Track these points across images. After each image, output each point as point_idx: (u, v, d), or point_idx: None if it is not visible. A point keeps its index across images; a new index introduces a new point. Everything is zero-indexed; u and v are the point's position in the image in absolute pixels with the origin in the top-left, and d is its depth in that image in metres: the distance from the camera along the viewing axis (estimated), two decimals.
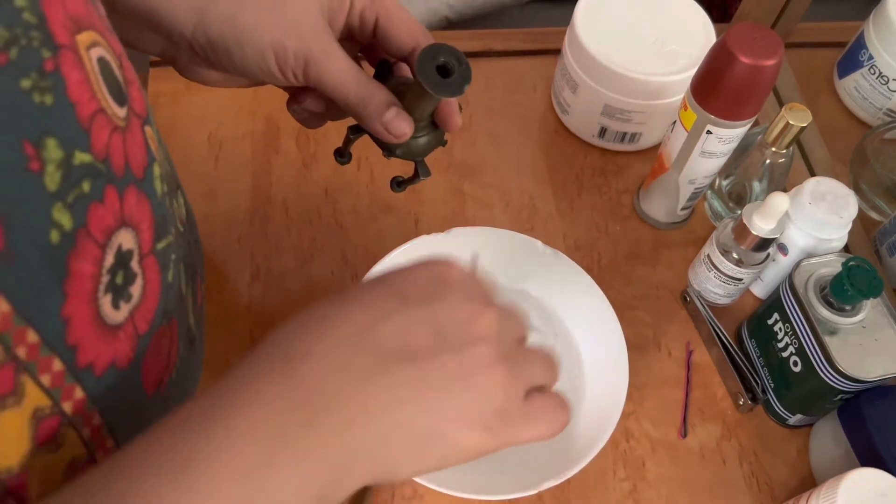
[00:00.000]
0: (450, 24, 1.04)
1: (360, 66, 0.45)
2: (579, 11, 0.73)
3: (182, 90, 0.74)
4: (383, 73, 0.47)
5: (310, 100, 0.46)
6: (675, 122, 0.64)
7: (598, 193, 0.75)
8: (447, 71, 0.41)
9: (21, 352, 0.26)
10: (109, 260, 0.30)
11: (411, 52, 0.45)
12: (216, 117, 0.74)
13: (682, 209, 0.71)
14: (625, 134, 0.75)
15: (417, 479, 0.53)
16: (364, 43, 0.47)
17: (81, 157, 0.28)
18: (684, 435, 0.63)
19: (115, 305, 0.31)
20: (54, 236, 0.27)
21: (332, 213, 0.70)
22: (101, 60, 0.30)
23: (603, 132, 0.76)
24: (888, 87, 0.78)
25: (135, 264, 0.32)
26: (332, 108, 0.46)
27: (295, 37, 0.41)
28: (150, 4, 0.41)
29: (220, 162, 0.72)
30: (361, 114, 0.43)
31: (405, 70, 0.46)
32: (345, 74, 0.42)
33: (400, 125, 0.43)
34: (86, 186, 0.28)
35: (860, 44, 0.80)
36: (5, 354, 0.26)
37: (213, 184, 0.70)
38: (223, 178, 0.71)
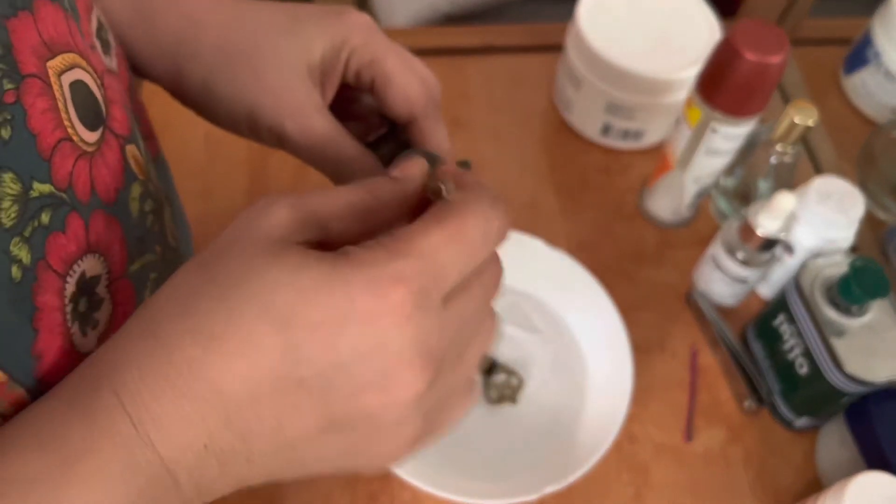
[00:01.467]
0: (450, 19, 1.03)
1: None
2: (582, 7, 0.72)
3: None
4: (388, 131, 0.43)
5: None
6: (679, 120, 0.63)
7: (602, 192, 0.75)
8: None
9: None
10: (71, 289, 0.29)
11: (409, 123, 0.41)
12: None
13: (687, 208, 0.70)
14: (628, 131, 0.75)
15: (417, 483, 0.53)
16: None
17: (40, 188, 0.27)
18: (689, 438, 0.62)
19: (83, 332, 0.31)
20: (15, 272, 0.26)
21: None
22: (76, 84, 0.30)
23: (606, 130, 0.75)
24: (895, 85, 0.77)
25: (101, 290, 0.32)
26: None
27: (269, 110, 0.38)
28: (134, 60, 0.40)
29: (217, 161, 0.71)
30: (339, 185, 0.41)
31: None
32: (321, 148, 0.38)
33: None
34: (45, 218, 0.27)
35: (867, 40, 0.79)
36: None
37: (209, 183, 0.70)
38: (219, 178, 0.71)
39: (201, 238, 0.48)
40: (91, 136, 0.31)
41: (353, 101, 0.43)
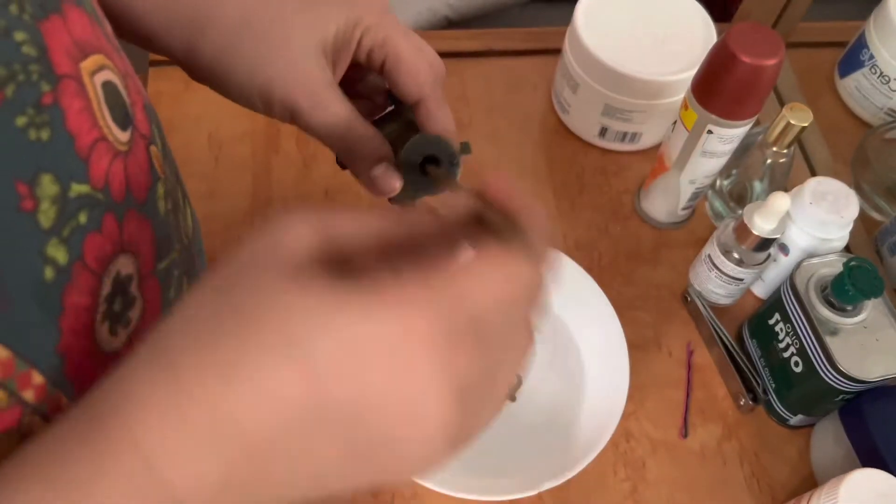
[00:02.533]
0: (450, 23, 1.04)
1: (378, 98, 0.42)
2: (580, 11, 0.72)
3: (182, 90, 0.74)
4: (393, 109, 0.43)
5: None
6: (675, 122, 0.64)
7: (599, 193, 0.75)
8: (436, 161, 0.39)
9: (28, 395, 0.26)
10: (107, 288, 0.29)
11: (416, 103, 0.42)
12: (216, 117, 0.74)
13: (683, 209, 0.71)
14: (625, 133, 0.75)
15: (417, 480, 0.53)
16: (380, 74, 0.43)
17: (78, 189, 0.27)
18: (685, 435, 0.63)
19: (113, 332, 0.30)
20: (48, 273, 0.26)
21: None
22: (107, 85, 0.30)
23: (603, 132, 0.76)
24: (889, 87, 0.78)
25: (133, 288, 0.32)
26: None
27: (283, 85, 0.38)
28: (144, 31, 0.40)
29: (220, 162, 0.72)
30: (349, 164, 0.41)
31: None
32: (332, 126, 0.39)
33: (387, 183, 0.40)
34: (82, 218, 0.27)
35: (861, 43, 0.80)
36: (9, 399, 0.25)
37: (213, 184, 0.70)
38: (223, 179, 0.71)
39: (206, 238, 0.49)
40: (124, 136, 0.31)
41: (359, 80, 0.44)
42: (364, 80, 0.45)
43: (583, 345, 0.64)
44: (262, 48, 0.38)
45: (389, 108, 0.44)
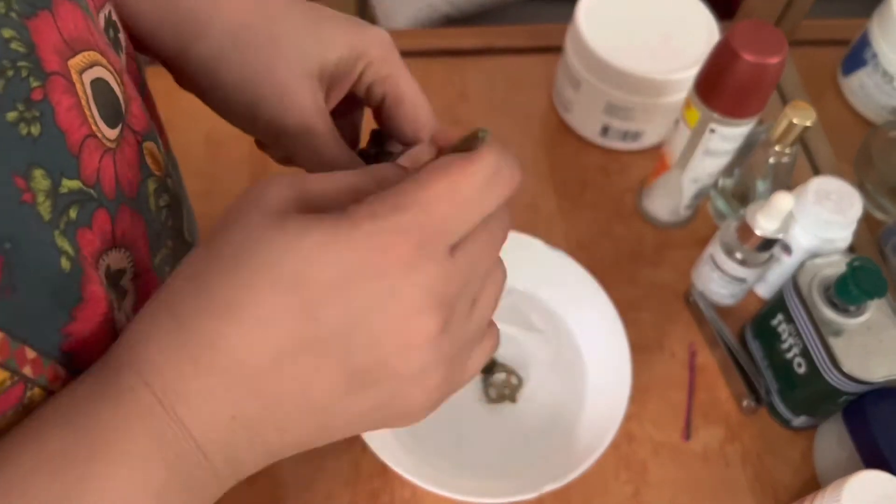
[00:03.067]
0: (450, 20, 1.03)
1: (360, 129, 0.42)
2: (582, 8, 0.72)
3: (179, 88, 0.73)
4: (376, 144, 0.42)
5: (273, 150, 0.42)
6: (678, 121, 0.64)
7: (601, 192, 0.75)
8: None
9: (28, 370, 0.26)
10: (104, 281, 0.30)
11: (410, 146, 0.40)
12: (213, 116, 0.73)
13: (686, 208, 0.71)
14: (627, 132, 0.75)
15: (417, 481, 0.53)
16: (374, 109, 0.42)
17: (69, 185, 0.27)
18: (687, 437, 0.63)
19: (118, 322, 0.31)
20: (64, 263, 0.27)
21: None
22: (97, 82, 0.30)
23: (605, 130, 0.75)
24: (892, 86, 0.77)
25: (126, 282, 0.32)
26: None
27: (271, 106, 0.37)
28: (137, 31, 0.39)
29: (218, 161, 0.72)
30: None
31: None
32: (317, 152, 0.38)
33: None
34: (73, 213, 0.28)
35: (865, 42, 0.79)
36: (12, 377, 0.26)
37: (210, 183, 0.70)
38: (221, 178, 0.71)
39: (201, 236, 0.48)
40: (112, 133, 0.31)
41: (344, 114, 0.43)
42: (347, 116, 0.43)
43: (584, 346, 0.64)
44: (258, 63, 0.37)
45: (370, 150, 0.43)
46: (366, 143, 0.43)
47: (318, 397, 0.27)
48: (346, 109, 0.42)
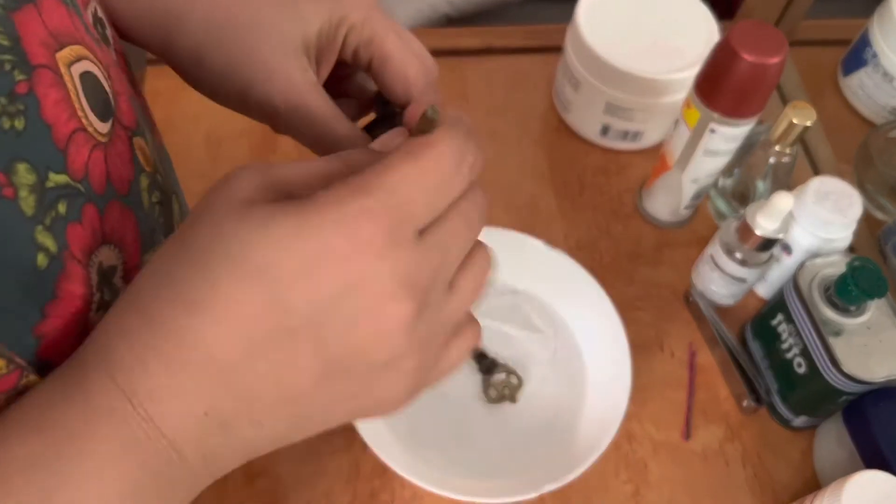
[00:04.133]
0: (450, 20, 1.03)
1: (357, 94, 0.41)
2: (581, 8, 0.72)
3: (179, 88, 0.73)
4: (380, 111, 0.41)
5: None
6: (678, 121, 0.64)
7: (600, 192, 0.75)
8: None
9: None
10: (95, 278, 0.30)
11: (404, 107, 0.39)
12: (214, 115, 0.73)
13: (685, 208, 0.71)
14: (627, 132, 0.75)
15: (417, 481, 0.53)
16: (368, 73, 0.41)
17: (56, 179, 0.27)
18: (687, 437, 0.63)
19: None
20: (41, 259, 0.26)
21: None
22: (86, 75, 0.30)
23: (605, 130, 0.75)
24: (893, 86, 0.77)
25: (118, 280, 0.32)
26: None
27: (262, 87, 0.37)
28: (123, 29, 0.39)
29: (218, 160, 0.71)
30: None
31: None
32: (314, 128, 0.37)
33: None
34: (62, 208, 0.27)
35: (865, 41, 0.79)
36: (8, 366, 0.25)
37: (210, 183, 0.70)
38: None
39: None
40: (103, 127, 0.31)
41: (346, 78, 0.42)
42: (351, 78, 0.43)
43: (584, 346, 0.64)
44: (240, 49, 0.37)
45: (379, 114, 0.42)
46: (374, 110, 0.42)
47: (292, 388, 0.26)
48: (342, 81, 0.42)
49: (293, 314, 0.25)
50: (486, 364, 0.62)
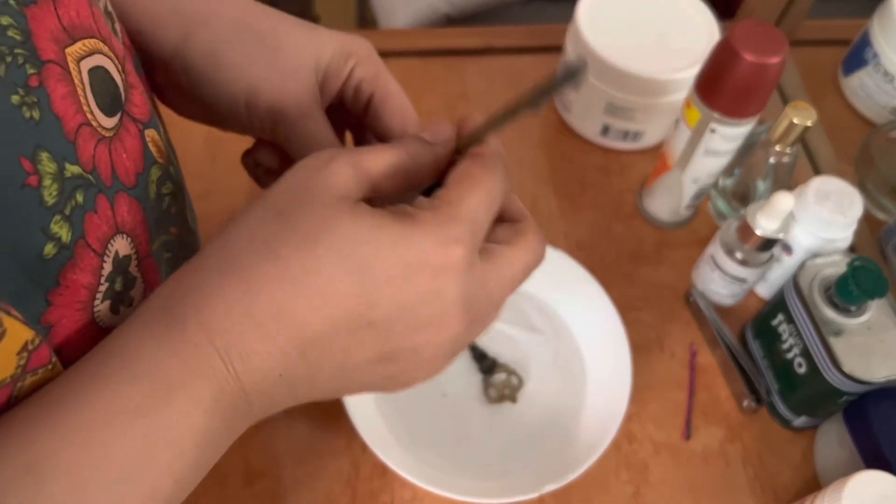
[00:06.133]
0: (450, 20, 1.03)
1: (343, 139, 0.43)
2: (582, 8, 0.72)
3: None
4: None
5: (265, 152, 0.44)
6: (678, 120, 0.64)
7: (601, 192, 0.75)
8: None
9: (15, 313, 0.26)
10: (108, 268, 0.31)
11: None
12: None
13: (686, 208, 0.70)
14: (627, 132, 0.75)
15: (417, 482, 0.53)
16: (355, 116, 0.43)
17: (72, 169, 0.28)
18: (688, 437, 0.62)
19: (115, 310, 0.32)
20: (48, 249, 0.27)
21: None
22: (96, 70, 0.30)
23: (605, 130, 0.75)
24: (893, 86, 0.77)
25: (133, 269, 0.33)
26: (289, 166, 0.44)
27: (273, 89, 0.39)
28: (135, 24, 0.39)
29: (218, 161, 0.71)
30: None
31: None
32: (314, 140, 0.39)
33: None
34: (79, 197, 0.29)
35: (865, 41, 0.79)
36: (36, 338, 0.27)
37: (210, 183, 0.70)
38: (221, 178, 0.70)
39: (204, 238, 0.48)
40: (109, 122, 0.31)
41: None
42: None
43: (584, 346, 0.64)
44: (262, 48, 0.39)
45: None
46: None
47: (352, 366, 0.31)
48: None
49: (376, 309, 0.29)
50: (486, 364, 0.62)
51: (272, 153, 0.44)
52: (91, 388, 0.27)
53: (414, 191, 0.35)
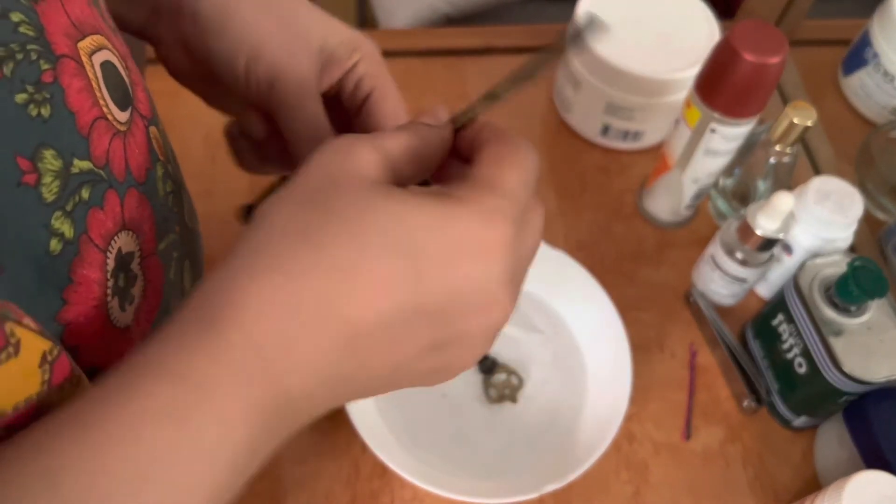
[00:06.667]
0: (450, 20, 1.03)
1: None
2: (582, 8, 0.72)
3: (178, 89, 0.73)
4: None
5: (254, 119, 0.43)
6: (678, 120, 0.64)
7: (601, 192, 0.75)
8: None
9: (28, 322, 0.25)
10: (112, 264, 0.30)
11: None
12: (213, 116, 0.73)
13: (686, 208, 0.70)
14: (627, 132, 0.75)
15: (417, 482, 0.53)
16: (348, 112, 0.43)
17: (80, 165, 0.28)
18: (688, 437, 0.62)
19: (122, 308, 0.31)
20: (54, 245, 0.27)
21: None
22: (106, 64, 0.31)
23: (606, 130, 0.75)
24: (893, 86, 0.77)
25: (135, 266, 0.33)
26: (272, 143, 0.43)
27: (276, 52, 0.38)
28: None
29: (217, 161, 0.71)
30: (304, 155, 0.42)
31: None
32: (308, 112, 0.39)
33: None
34: (85, 193, 0.28)
35: (865, 41, 0.79)
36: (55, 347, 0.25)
37: (210, 184, 0.70)
38: (220, 178, 0.70)
39: (204, 238, 0.48)
40: (122, 116, 0.31)
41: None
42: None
43: (584, 346, 0.64)
44: (269, 13, 0.39)
45: None
46: None
47: (400, 359, 0.28)
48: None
49: (428, 296, 0.27)
50: (486, 364, 0.62)
51: (260, 120, 0.43)
52: (116, 394, 0.25)
53: (425, 176, 0.33)
